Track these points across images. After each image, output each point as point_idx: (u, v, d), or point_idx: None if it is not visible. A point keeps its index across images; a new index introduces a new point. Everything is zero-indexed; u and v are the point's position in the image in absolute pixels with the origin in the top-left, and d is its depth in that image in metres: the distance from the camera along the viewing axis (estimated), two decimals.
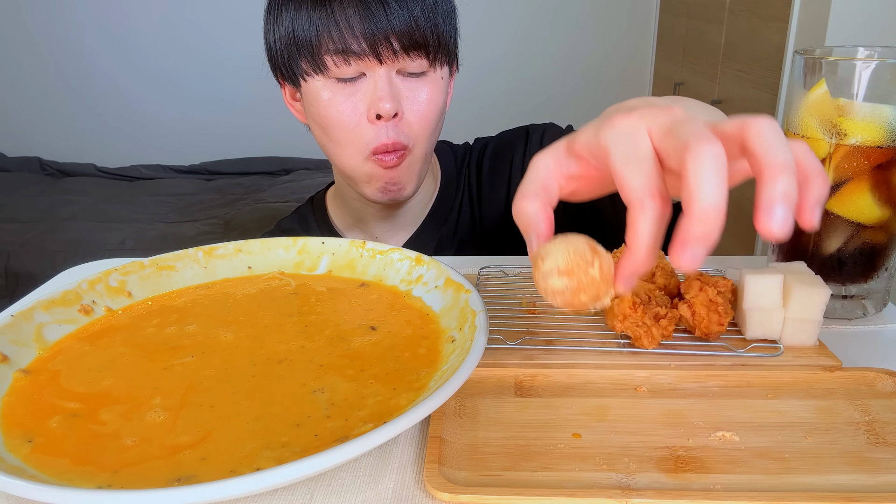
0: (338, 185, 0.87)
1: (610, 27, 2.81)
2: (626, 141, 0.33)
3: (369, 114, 0.70)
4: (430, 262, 0.54)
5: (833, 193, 0.53)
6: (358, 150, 0.72)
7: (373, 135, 0.71)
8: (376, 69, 0.69)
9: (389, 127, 0.71)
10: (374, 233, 0.87)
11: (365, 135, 0.71)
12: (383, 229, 0.86)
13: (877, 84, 0.50)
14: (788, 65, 1.58)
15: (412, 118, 0.72)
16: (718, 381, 0.46)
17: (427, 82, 0.72)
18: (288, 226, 0.91)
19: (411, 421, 0.34)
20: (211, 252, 0.59)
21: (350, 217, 0.88)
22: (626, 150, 0.33)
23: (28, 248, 2.26)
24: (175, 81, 2.94)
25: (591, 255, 0.34)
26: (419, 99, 0.72)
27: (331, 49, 0.68)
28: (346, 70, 0.69)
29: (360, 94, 0.70)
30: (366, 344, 0.47)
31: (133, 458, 0.36)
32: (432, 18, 0.70)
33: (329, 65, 0.69)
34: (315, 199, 0.93)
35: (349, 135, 0.72)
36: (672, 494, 0.35)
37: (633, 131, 0.33)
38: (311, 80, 0.71)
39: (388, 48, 0.68)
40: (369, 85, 0.70)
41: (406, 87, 0.71)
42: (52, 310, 0.49)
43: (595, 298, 0.34)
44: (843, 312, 0.57)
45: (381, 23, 0.67)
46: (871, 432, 0.41)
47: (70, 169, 2.91)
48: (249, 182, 2.79)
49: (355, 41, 0.67)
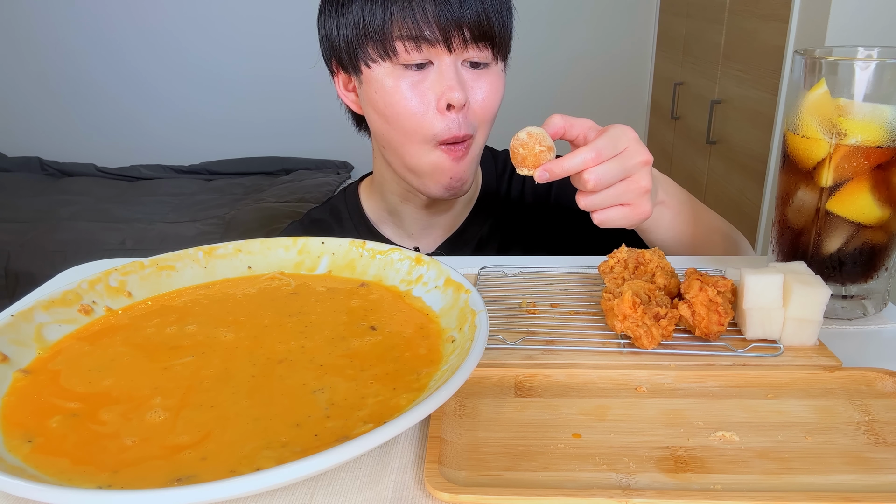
0: (378, 177, 0.87)
1: (610, 27, 2.81)
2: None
3: (439, 103, 0.70)
4: (429, 262, 0.54)
5: (833, 193, 0.53)
6: (424, 140, 0.73)
7: (442, 126, 0.71)
8: (444, 58, 0.70)
9: (459, 117, 0.72)
10: (410, 229, 0.87)
11: (434, 125, 0.71)
12: (420, 226, 0.87)
13: (877, 84, 0.50)
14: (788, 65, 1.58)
15: (476, 108, 0.73)
16: (718, 381, 0.46)
17: (489, 74, 0.74)
18: (319, 216, 0.92)
19: (411, 421, 0.34)
20: (211, 252, 0.59)
21: (385, 211, 0.88)
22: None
23: (28, 248, 2.26)
24: (175, 82, 2.94)
25: (543, 139, 0.58)
26: (482, 89, 0.73)
27: (403, 34, 0.69)
28: (416, 56, 0.70)
29: (427, 83, 0.71)
30: (366, 344, 0.47)
31: (133, 458, 0.36)
32: (500, 11, 0.72)
33: (399, 50, 0.69)
34: (348, 191, 0.93)
35: (414, 124, 0.72)
36: (672, 494, 0.35)
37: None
38: (376, 66, 0.71)
39: (459, 37, 0.69)
40: (436, 74, 0.71)
41: (469, 77, 0.72)
42: (52, 310, 0.49)
43: (534, 159, 0.58)
44: (843, 312, 0.57)
45: (454, 11, 0.68)
46: (871, 432, 0.41)
47: (70, 169, 2.92)
48: (249, 182, 2.79)
49: (428, 27, 0.68)
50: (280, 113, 2.95)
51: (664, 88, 2.60)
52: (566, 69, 2.86)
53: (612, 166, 0.58)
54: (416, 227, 0.87)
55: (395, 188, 0.84)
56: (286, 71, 2.82)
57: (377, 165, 0.85)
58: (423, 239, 0.88)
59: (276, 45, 2.80)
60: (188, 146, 3.01)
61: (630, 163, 0.59)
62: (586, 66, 2.86)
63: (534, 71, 2.81)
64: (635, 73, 2.85)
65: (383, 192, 0.86)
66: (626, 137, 0.60)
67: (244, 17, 2.82)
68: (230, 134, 2.99)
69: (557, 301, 0.59)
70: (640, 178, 0.60)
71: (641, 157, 0.60)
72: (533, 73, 2.81)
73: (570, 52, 2.84)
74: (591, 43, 2.83)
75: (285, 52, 2.77)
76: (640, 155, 0.60)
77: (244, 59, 2.87)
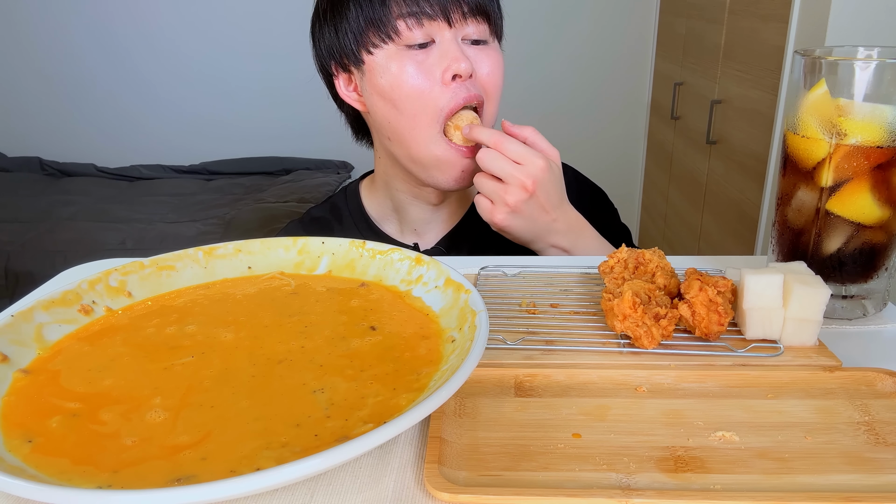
0: (383, 176, 0.87)
1: (610, 27, 2.81)
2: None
3: (444, 76, 0.72)
4: (429, 262, 0.54)
5: (833, 193, 0.53)
6: (431, 122, 0.73)
7: (448, 96, 0.73)
8: (444, 33, 0.72)
9: (464, 84, 0.73)
10: (414, 225, 0.88)
11: (439, 99, 0.73)
12: (424, 222, 0.88)
13: (877, 84, 0.50)
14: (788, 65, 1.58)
15: (483, 80, 0.75)
16: (718, 381, 0.46)
17: (490, 49, 0.76)
18: (319, 214, 0.92)
19: (411, 421, 0.34)
20: (211, 252, 0.59)
21: (389, 209, 0.89)
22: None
23: (28, 248, 2.26)
24: (175, 82, 2.94)
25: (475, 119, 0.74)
26: (486, 63, 0.75)
27: (403, 12, 0.70)
28: (417, 34, 0.71)
29: (431, 59, 0.72)
30: (366, 344, 0.47)
31: (133, 458, 0.36)
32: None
33: (401, 29, 0.71)
34: (348, 189, 0.94)
35: (421, 103, 0.73)
36: (672, 494, 0.35)
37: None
38: (379, 51, 0.73)
39: (457, 10, 0.71)
40: (439, 50, 0.72)
41: (472, 53, 0.74)
42: (52, 310, 0.49)
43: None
44: (843, 312, 0.57)
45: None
46: (871, 432, 0.41)
47: (70, 169, 2.91)
48: (249, 182, 2.79)
49: (427, 3, 0.70)
50: (280, 113, 2.95)
51: (664, 88, 2.60)
52: (566, 69, 2.85)
53: (499, 162, 0.70)
54: (419, 223, 0.88)
55: (402, 186, 0.84)
56: (286, 71, 2.82)
57: (381, 165, 0.86)
58: (426, 235, 0.88)
59: (276, 46, 2.80)
60: (188, 146, 3.01)
61: (514, 174, 0.70)
62: (586, 66, 2.85)
63: (533, 71, 2.80)
64: (635, 73, 2.85)
65: (389, 190, 0.86)
66: (536, 162, 0.70)
67: (244, 17, 2.81)
68: (230, 134, 2.99)
69: (557, 301, 0.59)
70: (510, 191, 0.70)
71: (525, 180, 0.70)
72: (533, 72, 2.80)
73: (570, 51, 2.84)
74: (591, 43, 2.83)
75: (286, 52, 2.77)
76: (525, 177, 0.70)
77: (244, 59, 2.87)
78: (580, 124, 2.87)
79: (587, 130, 2.87)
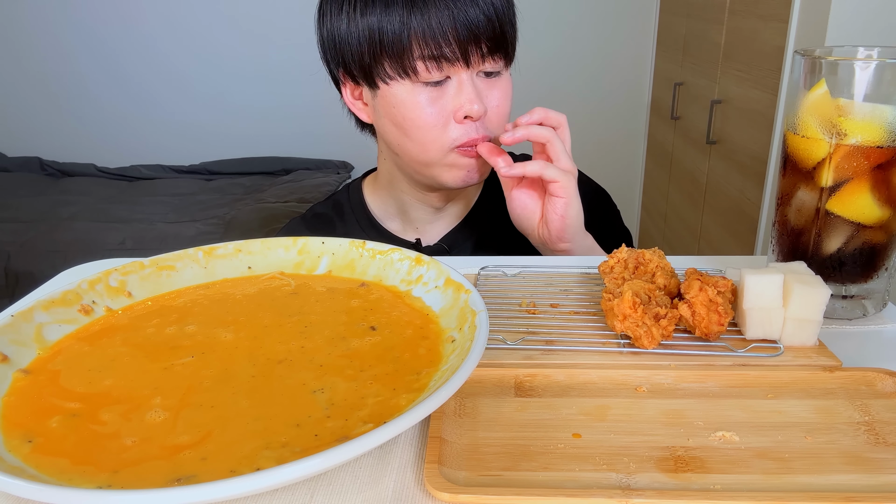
0: (386, 176, 0.87)
1: (610, 27, 2.81)
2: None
3: (457, 115, 0.73)
4: (429, 262, 0.54)
5: (833, 193, 0.53)
6: (441, 147, 0.74)
7: (460, 132, 0.74)
8: (462, 74, 0.72)
9: (474, 126, 0.74)
10: (416, 224, 0.89)
11: (451, 133, 0.74)
12: (427, 220, 0.88)
13: (877, 84, 0.50)
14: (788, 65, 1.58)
15: (492, 115, 0.75)
16: (718, 381, 0.46)
17: (501, 81, 0.76)
18: (321, 210, 0.92)
19: (411, 421, 0.34)
20: (211, 252, 0.59)
21: (392, 207, 0.89)
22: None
23: (28, 248, 2.25)
24: (175, 82, 2.94)
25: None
26: (496, 96, 0.75)
27: (425, 55, 0.70)
28: (436, 75, 0.71)
29: (446, 98, 0.72)
30: (366, 344, 0.47)
31: (133, 458, 0.36)
32: (511, 20, 0.74)
33: (420, 70, 0.71)
34: (351, 187, 0.94)
35: (432, 136, 0.74)
36: (672, 494, 0.35)
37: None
38: (395, 83, 0.72)
39: (476, 52, 0.71)
40: (455, 89, 0.72)
41: (484, 86, 0.74)
42: (52, 310, 0.49)
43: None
44: (843, 312, 0.57)
45: (472, 27, 0.69)
46: (871, 432, 0.41)
47: (70, 169, 2.91)
48: (249, 182, 2.79)
49: (449, 47, 0.69)
50: (280, 113, 2.95)
51: (664, 88, 2.60)
52: (566, 69, 2.85)
53: (545, 132, 0.73)
54: (422, 223, 0.88)
55: (406, 187, 0.84)
56: (287, 71, 2.82)
57: (385, 166, 0.86)
58: (428, 232, 0.89)
59: (276, 45, 2.80)
60: (188, 146, 3.01)
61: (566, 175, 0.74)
62: (586, 66, 2.85)
63: (533, 71, 2.80)
64: (635, 73, 2.85)
65: (392, 190, 0.87)
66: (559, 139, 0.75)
67: (245, 17, 2.81)
68: (230, 134, 2.99)
69: (557, 301, 0.59)
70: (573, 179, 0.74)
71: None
72: (532, 72, 2.80)
73: (569, 51, 2.83)
74: (592, 43, 2.83)
75: (286, 51, 2.77)
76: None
77: (244, 59, 2.87)
78: (580, 124, 2.84)
79: (587, 130, 2.87)
